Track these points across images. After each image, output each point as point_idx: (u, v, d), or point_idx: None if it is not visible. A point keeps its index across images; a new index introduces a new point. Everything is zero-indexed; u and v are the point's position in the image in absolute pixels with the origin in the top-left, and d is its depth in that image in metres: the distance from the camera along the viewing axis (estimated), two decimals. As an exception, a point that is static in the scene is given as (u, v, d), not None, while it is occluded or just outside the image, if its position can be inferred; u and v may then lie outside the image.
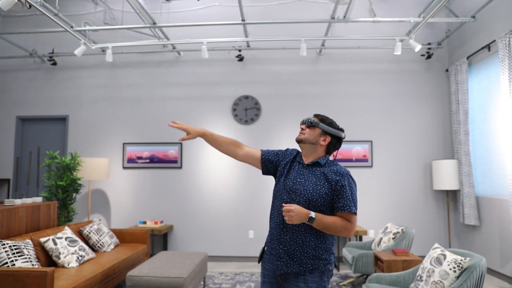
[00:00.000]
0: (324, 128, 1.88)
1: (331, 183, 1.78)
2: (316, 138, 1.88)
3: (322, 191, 1.77)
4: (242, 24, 4.91)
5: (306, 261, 1.76)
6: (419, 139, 5.59)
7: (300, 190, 1.79)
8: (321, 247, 1.78)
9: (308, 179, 1.81)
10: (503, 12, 4.43)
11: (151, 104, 5.81)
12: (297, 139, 1.92)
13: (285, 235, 1.78)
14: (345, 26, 5.75)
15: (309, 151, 1.90)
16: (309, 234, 1.75)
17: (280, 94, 5.76)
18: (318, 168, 1.85)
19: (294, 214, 1.65)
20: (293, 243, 1.76)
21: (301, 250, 1.75)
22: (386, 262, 3.45)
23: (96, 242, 4.14)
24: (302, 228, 1.76)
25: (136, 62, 5.91)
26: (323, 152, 1.91)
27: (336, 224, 1.73)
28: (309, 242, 1.75)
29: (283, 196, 1.83)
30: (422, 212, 5.47)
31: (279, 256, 1.79)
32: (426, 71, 5.70)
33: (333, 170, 1.82)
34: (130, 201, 5.67)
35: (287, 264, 1.77)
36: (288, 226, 1.77)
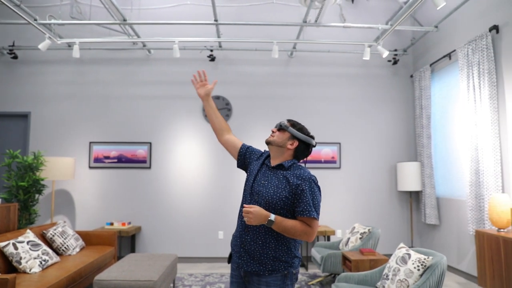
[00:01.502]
0: (293, 132, 1.89)
1: (292, 186, 1.78)
2: (284, 142, 1.90)
3: (282, 194, 1.77)
4: (215, 24, 4.89)
5: (265, 262, 1.77)
6: (385, 142, 5.81)
7: (262, 192, 1.81)
8: (281, 249, 1.78)
9: (271, 181, 1.83)
10: (463, 24, 4.69)
11: (119, 102, 5.66)
12: (266, 141, 1.95)
13: (246, 235, 1.81)
14: (316, 30, 5.86)
15: (276, 154, 1.92)
16: (269, 236, 1.77)
17: (251, 95, 5.78)
18: (281, 171, 1.86)
19: (252, 216, 1.67)
20: (253, 243, 1.78)
21: (261, 251, 1.77)
22: (353, 261, 3.56)
23: (60, 245, 3.98)
24: (262, 230, 1.78)
25: (104, 59, 5.73)
26: (290, 156, 1.91)
27: (295, 228, 1.72)
28: (269, 244, 1.77)
29: (247, 197, 1.87)
30: (387, 212, 5.68)
31: (240, 254, 1.82)
32: (392, 77, 5.93)
33: (296, 174, 1.82)
34: (96, 202, 5.50)
35: (247, 263, 1.79)
36: (249, 226, 1.80)
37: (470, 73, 4.41)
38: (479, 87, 4.26)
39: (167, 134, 5.65)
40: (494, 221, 3.69)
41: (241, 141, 2.04)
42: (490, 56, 4.14)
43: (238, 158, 2.04)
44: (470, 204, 4.30)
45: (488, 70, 4.13)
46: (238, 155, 2.04)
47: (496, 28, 4.10)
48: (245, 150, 2.04)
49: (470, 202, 4.30)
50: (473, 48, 4.38)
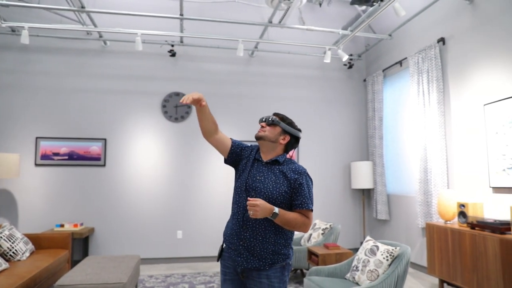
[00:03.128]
0: (285, 127, 1.91)
1: (290, 181, 1.82)
2: (276, 137, 1.90)
3: (281, 189, 1.80)
4: (179, 19, 4.77)
5: (266, 256, 1.78)
6: (340, 142, 6.10)
7: (260, 188, 1.80)
8: (280, 242, 1.81)
9: (268, 177, 1.83)
10: (414, 34, 5.10)
11: (71, 95, 5.27)
12: (257, 136, 1.92)
13: (245, 231, 1.79)
14: (277, 31, 5.97)
15: (269, 149, 1.91)
16: (268, 231, 1.79)
17: (211, 92, 5.73)
18: (276, 166, 1.88)
19: (259, 209, 1.66)
20: (253, 240, 1.78)
21: (261, 246, 1.78)
22: (321, 256, 3.70)
23: (8, 250, 3.61)
24: (262, 225, 1.78)
25: (53, 48, 5.30)
26: (281, 151, 1.94)
27: (296, 220, 1.78)
28: (268, 238, 1.78)
29: (242, 194, 1.84)
30: (342, 209, 5.97)
31: (239, 252, 1.80)
32: (347, 80, 6.24)
33: (292, 168, 1.86)
34: (43, 203, 5.06)
35: (247, 259, 1.78)
36: (248, 223, 1.79)
37: (420, 80, 4.81)
38: (428, 92, 4.66)
39: (124, 130, 5.39)
40: (442, 214, 4.06)
41: (229, 137, 2.00)
42: (438, 65, 4.55)
43: (229, 155, 1.97)
44: (419, 200, 4.68)
45: (436, 77, 4.54)
46: (229, 152, 1.96)
47: (443, 40, 4.52)
48: (237, 147, 1.98)
49: (419, 198, 4.68)
50: (423, 57, 4.77)
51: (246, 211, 1.79)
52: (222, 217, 5.56)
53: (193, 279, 4.51)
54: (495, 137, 3.75)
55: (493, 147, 3.77)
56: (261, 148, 1.94)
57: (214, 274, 4.72)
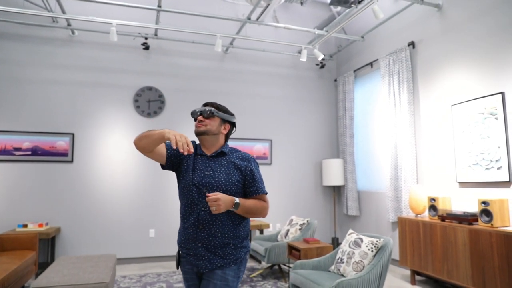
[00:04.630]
0: (223, 116, 1.83)
1: (240, 169, 1.78)
2: (218, 128, 1.82)
3: (234, 179, 1.74)
4: (155, 11, 4.63)
5: (228, 252, 1.72)
6: (312, 140, 6.23)
7: (211, 182, 1.71)
8: (240, 235, 1.76)
9: (217, 170, 1.75)
10: (385, 37, 5.33)
11: (35, 86, 4.93)
12: (198, 131, 1.80)
13: (202, 232, 1.70)
14: (252, 28, 5.98)
15: (211, 143, 1.83)
16: (226, 225, 1.72)
17: (185, 88, 5.63)
18: (223, 157, 1.81)
19: (221, 202, 1.59)
20: (212, 238, 1.69)
21: (221, 243, 1.70)
22: (303, 250, 3.76)
23: (-30, 252, 3.31)
24: (218, 221, 1.71)
25: (15, 34, 4.93)
26: (223, 141, 1.87)
27: (256, 206, 1.75)
28: (228, 233, 1.71)
29: (193, 193, 1.72)
30: (313, 206, 6.10)
31: (200, 255, 1.70)
32: (318, 79, 6.40)
33: (239, 156, 1.82)
34: (3, 201, 4.68)
35: (211, 261, 1.70)
36: (204, 222, 1.69)
37: (391, 81, 5.04)
38: (399, 93, 4.90)
39: (93, 124, 5.13)
40: (413, 208, 4.29)
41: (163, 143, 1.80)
42: (408, 67, 4.79)
43: (168, 160, 1.79)
44: (389, 195, 4.90)
45: (407, 79, 4.78)
46: (167, 157, 1.79)
47: (413, 43, 4.78)
48: (172, 150, 1.81)
49: (389, 193, 4.91)
50: (394, 59, 5.01)
51: (200, 210, 1.69)
52: (196, 215, 5.46)
53: (169, 277, 4.40)
54: (461, 135, 4.02)
55: (460, 144, 4.04)
56: (202, 143, 1.84)
57: (190, 272, 4.63)
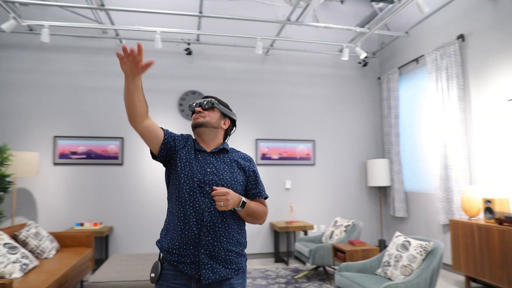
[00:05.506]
0: (223, 110, 1.71)
1: (244, 169, 1.65)
2: (218, 122, 1.68)
3: (239, 179, 1.60)
4: (197, 17, 4.77)
5: (231, 261, 1.53)
6: (356, 140, 6.10)
7: (215, 180, 1.55)
8: (242, 242, 1.60)
9: (220, 168, 1.59)
10: (431, 31, 5.10)
11: (88, 94, 5.26)
12: (196, 123, 1.65)
13: (206, 235, 1.49)
14: (292, 29, 5.97)
15: (210, 137, 1.67)
16: (232, 230, 1.55)
17: (227, 91, 5.73)
18: (225, 155, 1.66)
19: (230, 198, 1.44)
20: (216, 244, 1.50)
21: (225, 249, 1.52)
22: (348, 252, 3.69)
23: (35, 248, 3.59)
24: (224, 223, 1.53)
25: (69, 47, 5.29)
26: (222, 138, 1.73)
27: (259, 209, 1.62)
28: (232, 239, 1.55)
29: (194, 189, 1.53)
30: (358, 207, 5.96)
31: (202, 263, 1.48)
32: (361, 78, 6.25)
33: (241, 156, 1.70)
34: (62, 202, 5.04)
35: (214, 270, 1.48)
36: (208, 225, 1.49)
37: (439, 77, 4.81)
38: (448, 89, 4.66)
39: (141, 129, 5.36)
40: (466, 210, 4.06)
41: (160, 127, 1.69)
42: (458, 62, 4.55)
43: (162, 148, 1.58)
44: (439, 197, 4.68)
45: (456, 74, 4.54)
46: (162, 144, 1.59)
47: (462, 36, 4.53)
48: (170, 137, 1.62)
49: (439, 194, 4.68)
50: (441, 54, 4.78)
51: (204, 211, 1.50)
52: (240, 216, 5.54)
53: (215, 277, 4.49)
54: (520, 132, 3.75)
55: (518, 142, 3.77)
56: (200, 136, 1.68)
57: (235, 272, 4.70)
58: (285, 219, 5.68)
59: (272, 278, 4.45)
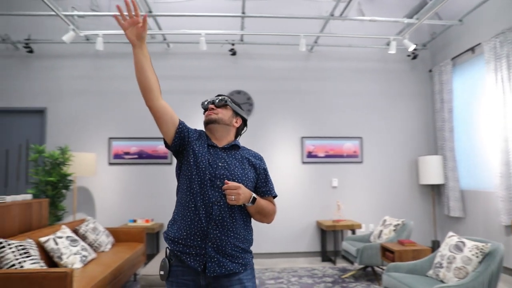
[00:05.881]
0: (236, 108, 1.73)
1: (255, 167, 1.66)
2: (230, 119, 1.70)
3: (249, 175, 1.61)
4: (240, 17, 4.84)
5: (237, 256, 1.53)
6: (406, 136, 5.84)
7: (227, 175, 1.55)
8: (248, 239, 1.60)
9: (231, 163, 1.60)
10: (489, 17, 4.74)
11: (138, 97, 5.53)
12: (209, 119, 1.66)
13: (214, 229, 1.49)
14: (336, 25, 5.85)
15: (222, 134, 1.68)
16: (239, 225, 1.54)
17: (272, 89, 5.74)
18: (237, 151, 1.67)
19: (241, 192, 1.46)
20: (224, 238, 1.50)
21: (232, 244, 1.52)
22: (397, 252, 3.55)
23: (93, 242, 3.86)
24: (232, 218, 1.53)
25: (121, 53, 5.61)
26: (233, 136, 1.74)
27: (268, 207, 1.63)
28: (239, 234, 1.54)
29: (205, 183, 1.52)
30: (409, 206, 5.71)
31: (208, 256, 1.47)
32: (411, 71, 5.97)
33: (252, 154, 1.71)
34: (117, 199, 5.37)
35: (219, 263, 1.48)
36: (217, 218, 1.49)
37: (498, 66, 4.46)
38: (509, 79, 4.31)
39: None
40: (531, 210, 3.72)
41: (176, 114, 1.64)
42: (520, 49, 4.19)
43: (176, 137, 1.58)
44: (501, 195, 4.33)
45: (518, 62, 4.18)
46: (176, 132, 1.58)
47: (525, 21, 4.16)
48: (185, 127, 1.62)
49: (501, 193, 4.34)
50: (501, 41, 4.42)
51: (213, 204, 1.50)
52: (286, 214, 5.54)
53: (262, 274, 4.54)
54: None
55: None
56: (212, 133, 1.69)
57: (281, 270, 4.72)
58: (332, 218, 5.59)
59: (319, 277, 4.40)
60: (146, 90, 1.48)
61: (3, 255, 2.61)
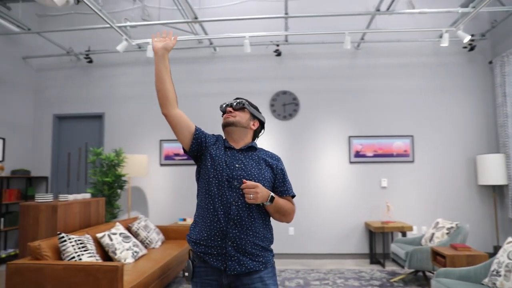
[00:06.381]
0: (253, 111, 1.78)
1: (272, 167, 1.69)
2: (248, 122, 1.75)
3: (266, 176, 1.65)
4: (284, 18, 4.85)
5: (257, 254, 1.57)
6: (462, 133, 5.47)
7: (244, 176, 1.59)
8: (267, 237, 1.64)
9: (248, 164, 1.64)
10: (557, 0, 4.29)
11: (186, 100, 5.77)
12: (227, 122, 1.71)
13: (233, 228, 1.54)
14: (383, 19, 5.64)
15: (240, 136, 1.73)
16: (258, 224, 1.59)
17: (318, 89, 5.68)
18: (253, 152, 1.72)
19: (259, 191, 1.51)
20: (243, 237, 1.54)
21: (252, 243, 1.56)
22: (449, 257, 3.35)
23: (144, 239, 4.10)
24: (251, 218, 1.57)
25: (171, 59, 5.87)
26: (251, 138, 1.78)
27: (287, 206, 1.66)
28: (258, 233, 1.58)
29: (223, 184, 1.58)
30: (466, 208, 5.34)
31: (228, 255, 1.53)
32: (468, 64, 5.57)
33: (268, 154, 1.75)
34: (167, 198, 5.64)
35: (240, 262, 1.53)
36: (236, 217, 1.55)
37: None
38: None
39: (234, 130, 5.68)
40: None
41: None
42: None
43: (193, 142, 1.65)
44: None
45: None
46: (193, 139, 1.65)
47: None
48: (201, 133, 1.68)
49: None
50: None
51: (231, 204, 1.55)
52: (332, 215, 5.45)
53: (307, 275, 4.51)
54: None
55: None
56: (230, 135, 1.74)
57: (327, 272, 4.66)
58: (381, 219, 5.40)
59: (366, 279, 4.28)
60: (163, 98, 1.59)
61: (64, 248, 2.88)
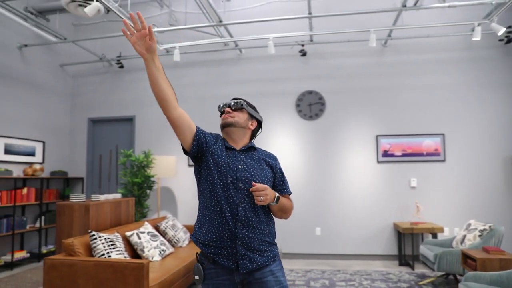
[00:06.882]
0: (251, 111, 1.79)
1: (271, 167, 1.75)
2: (246, 122, 1.76)
3: (268, 175, 1.70)
4: (308, 18, 4.84)
5: (265, 250, 1.64)
6: (497, 131, 5.22)
7: (247, 176, 1.62)
8: (272, 233, 1.71)
9: (250, 165, 1.67)
10: None
11: (213, 102, 5.88)
12: (226, 123, 1.71)
13: (241, 229, 1.58)
14: (411, 15, 5.49)
15: (239, 136, 1.74)
16: (262, 222, 1.65)
17: (344, 88, 5.62)
18: (253, 153, 1.75)
19: (268, 192, 1.58)
20: (252, 235, 1.60)
21: (259, 240, 1.62)
22: (479, 260, 3.22)
23: (172, 238, 4.24)
24: (256, 217, 1.62)
25: (198, 62, 6.02)
26: (249, 138, 1.80)
27: (288, 204, 1.75)
28: (263, 230, 1.65)
29: (228, 186, 1.59)
30: (501, 209, 5.09)
31: (239, 254, 1.57)
32: (504, 58, 5.31)
33: (267, 154, 1.79)
34: (195, 199, 5.77)
35: (251, 259, 1.59)
36: (243, 218, 1.58)
37: None
38: None
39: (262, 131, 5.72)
40: None
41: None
42: None
43: (194, 143, 1.63)
44: None
45: None
46: (194, 139, 1.63)
47: None
48: (202, 133, 1.66)
49: None
50: None
51: (238, 206, 1.58)
52: (360, 215, 5.38)
53: (333, 275, 4.48)
54: None
55: None
56: (229, 135, 1.74)
57: (354, 273, 4.60)
58: (410, 220, 5.26)
59: (393, 281, 4.19)
60: (162, 101, 1.52)
61: (95, 245, 3.04)
